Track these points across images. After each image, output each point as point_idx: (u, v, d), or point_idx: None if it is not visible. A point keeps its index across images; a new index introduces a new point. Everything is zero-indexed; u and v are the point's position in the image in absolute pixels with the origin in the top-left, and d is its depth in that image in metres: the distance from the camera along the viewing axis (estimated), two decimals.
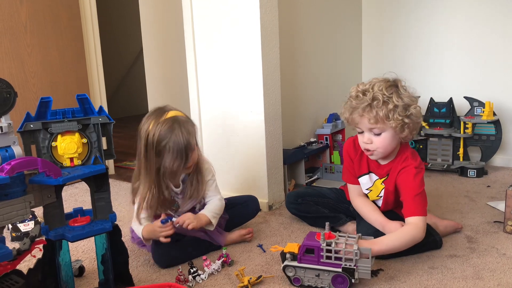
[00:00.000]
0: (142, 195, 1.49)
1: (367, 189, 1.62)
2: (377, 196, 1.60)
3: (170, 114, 1.46)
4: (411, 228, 1.40)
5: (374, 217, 1.54)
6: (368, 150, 1.50)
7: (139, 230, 1.49)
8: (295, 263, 1.31)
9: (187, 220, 1.48)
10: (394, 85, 1.44)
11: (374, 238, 1.37)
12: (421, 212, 1.42)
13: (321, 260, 1.28)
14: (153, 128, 1.43)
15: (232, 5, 1.94)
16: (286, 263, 1.32)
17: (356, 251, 1.25)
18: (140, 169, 1.49)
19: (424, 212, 1.43)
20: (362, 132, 1.49)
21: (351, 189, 1.66)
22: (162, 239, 1.44)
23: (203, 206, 1.62)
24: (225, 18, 1.98)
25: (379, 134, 1.45)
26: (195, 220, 1.49)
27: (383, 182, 1.57)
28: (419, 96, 1.63)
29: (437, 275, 1.37)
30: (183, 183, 1.59)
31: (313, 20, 2.62)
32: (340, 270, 1.27)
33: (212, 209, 1.58)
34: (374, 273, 1.37)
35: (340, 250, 1.26)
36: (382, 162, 1.57)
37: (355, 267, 1.25)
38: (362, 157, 1.60)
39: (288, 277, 1.33)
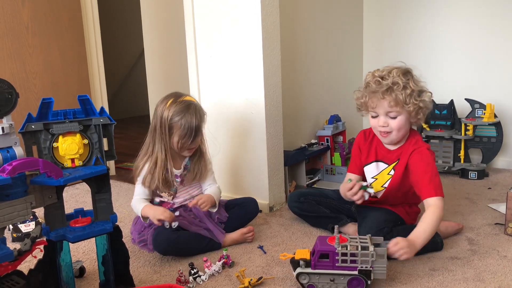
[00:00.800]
0: (148, 169, 1.58)
1: (372, 177, 1.64)
2: (382, 186, 1.62)
3: (188, 98, 1.61)
4: (434, 211, 1.42)
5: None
6: (383, 133, 1.54)
7: (139, 208, 1.56)
8: (309, 270, 1.28)
9: (202, 203, 1.58)
10: (408, 72, 1.52)
11: (375, 238, 1.36)
12: (439, 192, 1.46)
13: (336, 264, 1.26)
14: (171, 105, 1.56)
15: (233, 5, 1.95)
16: (299, 270, 1.28)
17: (372, 252, 1.24)
18: (149, 145, 1.60)
19: (442, 192, 1.47)
20: (376, 117, 1.54)
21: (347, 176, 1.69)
22: (162, 220, 1.50)
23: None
24: (226, 19, 1.98)
25: (394, 118, 1.51)
26: (209, 201, 1.60)
27: (393, 167, 1.59)
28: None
29: (438, 277, 1.37)
30: (185, 169, 1.66)
31: (314, 22, 2.62)
32: (356, 272, 1.26)
33: (214, 192, 1.67)
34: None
35: (356, 253, 1.25)
36: (392, 148, 1.61)
37: (371, 269, 1.25)
38: (372, 145, 1.65)
39: (302, 284, 1.30)
